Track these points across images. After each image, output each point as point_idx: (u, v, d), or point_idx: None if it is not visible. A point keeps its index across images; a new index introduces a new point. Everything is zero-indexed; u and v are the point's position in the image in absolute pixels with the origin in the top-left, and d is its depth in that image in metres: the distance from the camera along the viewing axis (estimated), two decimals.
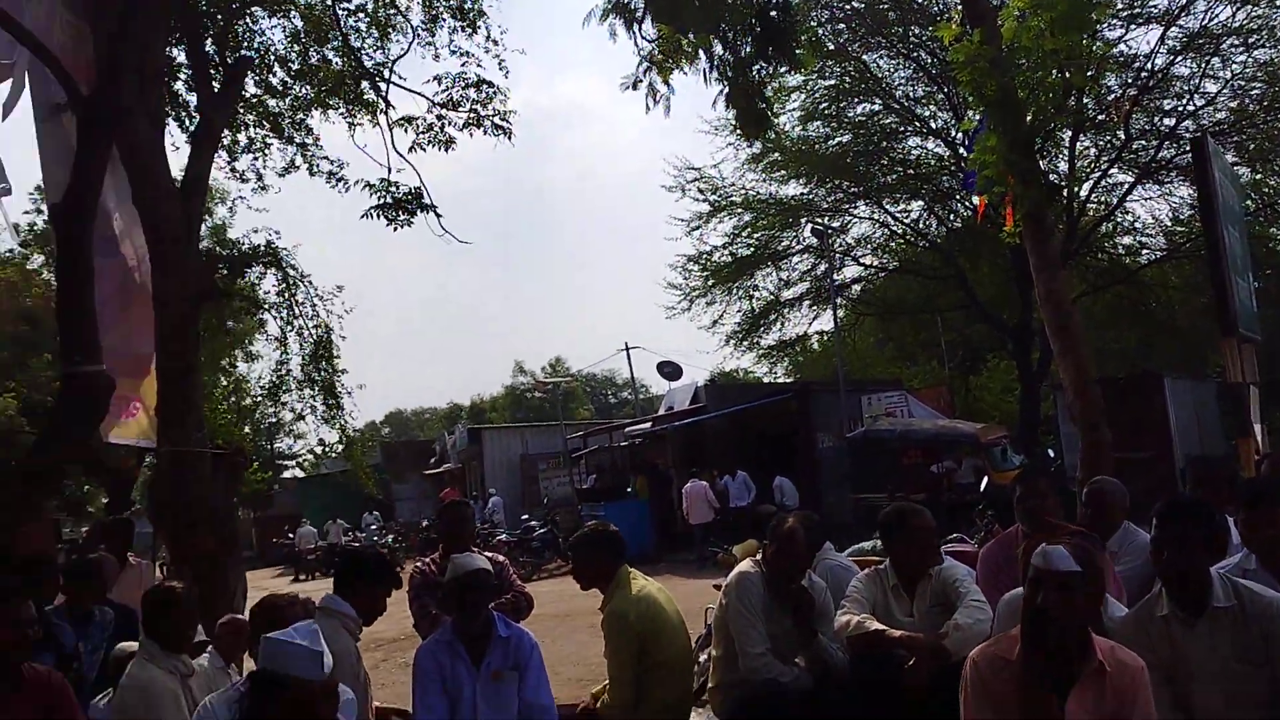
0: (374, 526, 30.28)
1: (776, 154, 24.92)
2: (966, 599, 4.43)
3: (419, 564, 6.02)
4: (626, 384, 60.17)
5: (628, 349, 39.99)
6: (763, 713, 4.57)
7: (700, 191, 26.26)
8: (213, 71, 8.63)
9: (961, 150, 22.40)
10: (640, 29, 9.61)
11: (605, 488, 25.85)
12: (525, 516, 24.43)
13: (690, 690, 5.29)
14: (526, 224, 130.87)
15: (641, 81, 10.86)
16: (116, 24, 5.70)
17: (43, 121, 7.05)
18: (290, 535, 29.09)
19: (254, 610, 4.40)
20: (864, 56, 24.04)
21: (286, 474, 36.59)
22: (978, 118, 11.01)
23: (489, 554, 5.45)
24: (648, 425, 25.86)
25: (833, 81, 24.45)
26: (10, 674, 4.06)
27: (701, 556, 17.84)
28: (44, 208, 22.07)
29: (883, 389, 23.04)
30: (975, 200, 13.48)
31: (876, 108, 25.14)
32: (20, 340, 22.60)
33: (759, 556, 5.04)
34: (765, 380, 32.91)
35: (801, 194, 26.18)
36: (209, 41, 8.71)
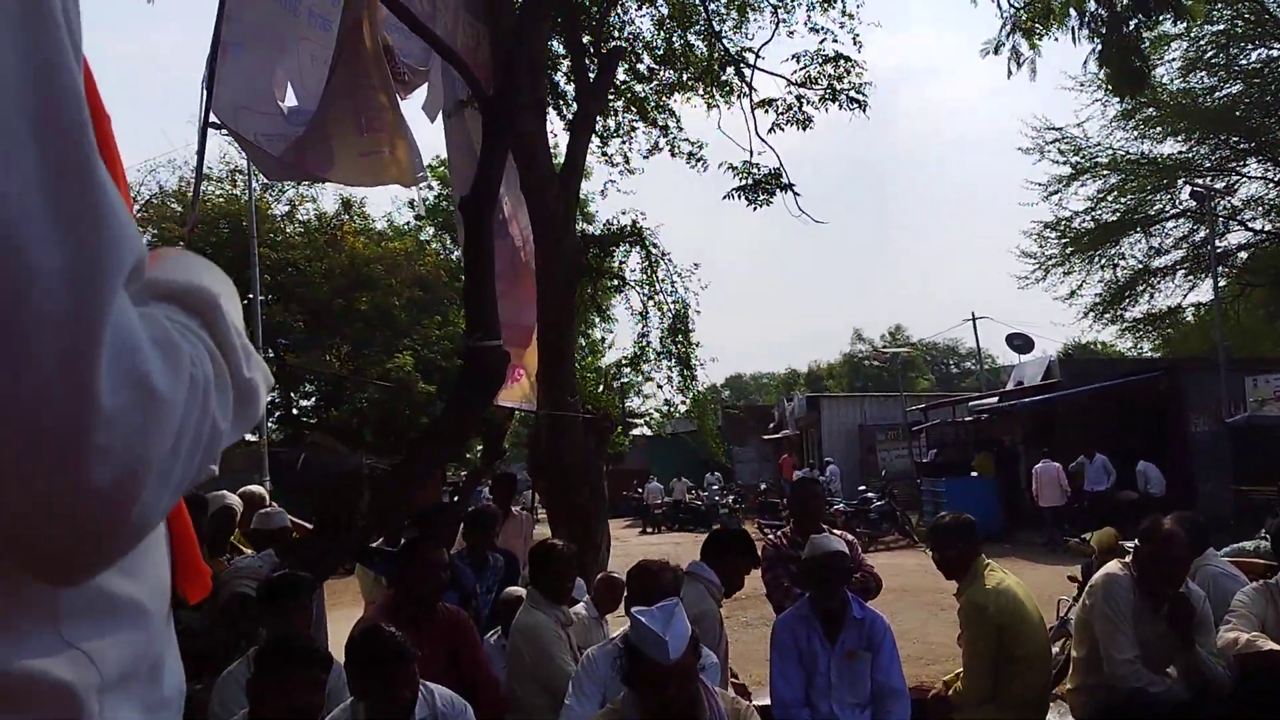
0: (715, 486, 31.34)
1: (1151, 109, 22.85)
2: None
3: (772, 537, 6.27)
4: (970, 355, 57.82)
5: (974, 319, 38.39)
6: None
7: (1060, 153, 24.68)
8: (588, 61, 9.27)
9: None
10: None
11: (946, 463, 25.12)
12: (862, 488, 24.30)
13: (1048, 686, 5.16)
14: (868, 188, 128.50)
15: (1004, 45, 10.41)
16: (514, 27, 6.30)
17: (448, 117, 7.92)
18: (639, 489, 30.79)
19: (630, 573, 4.81)
20: None
21: (635, 431, 38.71)
22: None
23: (839, 533, 5.60)
24: (994, 400, 24.78)
25: (1222, 26, 22.01)
26: (429, 611, 4.75)
27: (1051, 540, 17.00)
28: (433, 184, 24.66)
29: (1273, 369, 20.60)
30: None
31: (1275, 52, 22.34)
32: (415, 303, 25.43)
33: (1129, 558, 4.80)
34: (1129, 355, 30.43)
35: (1179, 152, 23.89)
36: (585, 33, 9.35)
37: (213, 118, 5.53)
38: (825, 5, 10.05)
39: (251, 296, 19.00)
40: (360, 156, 6.14)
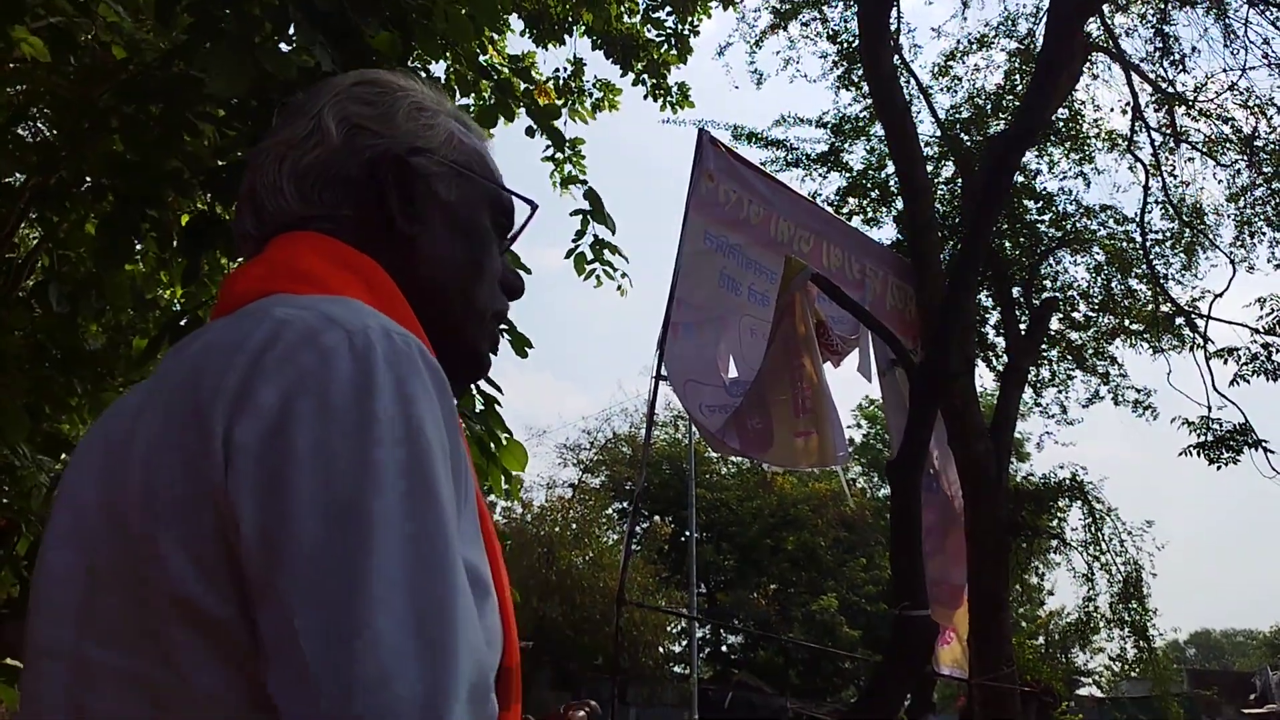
0: None
1: None
2: None
3: None
4: None
5: None
6: None
7: None
8: (1018, 313, 9.18)
9: None
10: None
11: None
12: None
13: None
14: None
15: None
16: (942, 301, 6.47)
17: (881, 375, 8.14)
18: None
19: None
20: None
21: (1082, 690, 34.94)
22: None
23: None
24: None
25: None
26: None
27: None
28: (861, 423, 24.98)
29: None
30: None
31: None
32: (841, 544, 25.44)
33: None
34: None
35: None
36: (1015, 286, 9.31)
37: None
38: None
39: (688, 534, 20.04)
40: (795, 437, 6.47)
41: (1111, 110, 22.54)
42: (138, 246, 3.66)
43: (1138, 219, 9.56)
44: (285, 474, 0.68)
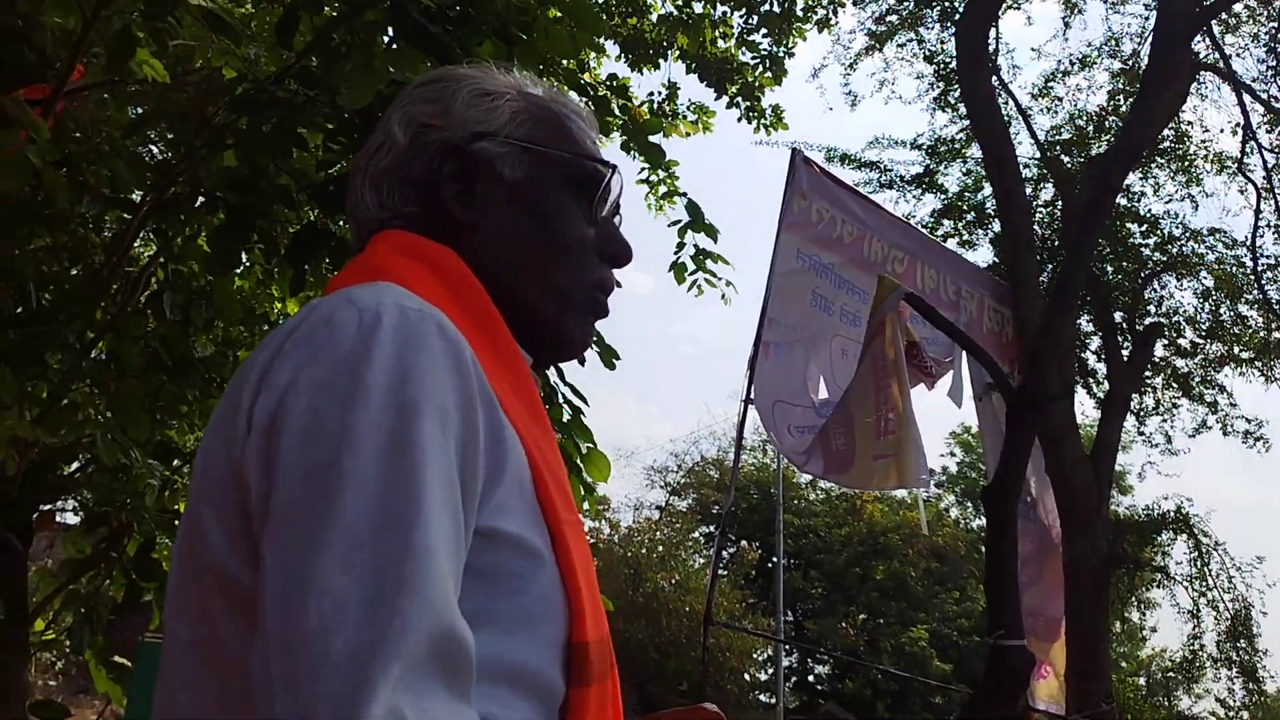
0: None
1: None
2: None
3: None
4: None
5: None
6: None
7: None
8: (1120, 339, 8.91)
9: None
10: None
11: None
12: None
13: None
14: None
15: None
16: (1041, 322, 6.33)
17: (976, 400, 7.97)
18: None
19: None
20: None
21: None
22: None
23: None
24: None
25: None
26: None
27: None
28: (955, 450, 24.48)
29: None
30: None
31: None
32: (932, 574, 24.85)
33: None
34: None
35: None
36: (1117, 310, 9.06)
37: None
38: None
39: (775, 560, 19.85)
40: (874, 459, 6.37)
41: (1221, 131, 21.78)
42: (244, 257, 3.80)
43: (1248, 243, 9.23)
44: (280, 439, 0.73)
